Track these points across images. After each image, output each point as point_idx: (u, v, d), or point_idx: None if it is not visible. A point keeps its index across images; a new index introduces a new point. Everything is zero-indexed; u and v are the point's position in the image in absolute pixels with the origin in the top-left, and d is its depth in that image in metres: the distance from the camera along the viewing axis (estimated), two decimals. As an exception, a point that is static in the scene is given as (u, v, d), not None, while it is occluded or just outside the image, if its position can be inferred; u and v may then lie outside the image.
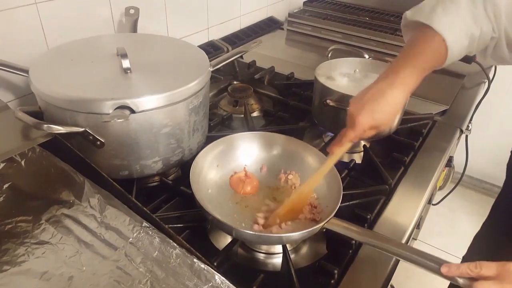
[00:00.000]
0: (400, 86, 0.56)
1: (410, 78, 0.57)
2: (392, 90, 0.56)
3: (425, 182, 0.84)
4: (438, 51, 0.60)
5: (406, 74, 0.57)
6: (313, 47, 1.51)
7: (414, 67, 0.58)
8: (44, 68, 0.72)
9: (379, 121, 0.57)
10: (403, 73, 0.57)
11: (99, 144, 0.67)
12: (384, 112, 0.56)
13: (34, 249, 0.57)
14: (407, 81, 0.57)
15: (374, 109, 0.56)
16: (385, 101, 0.56)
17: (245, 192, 0.71)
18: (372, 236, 0.59)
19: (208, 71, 0.77)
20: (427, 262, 0.53)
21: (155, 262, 0.55)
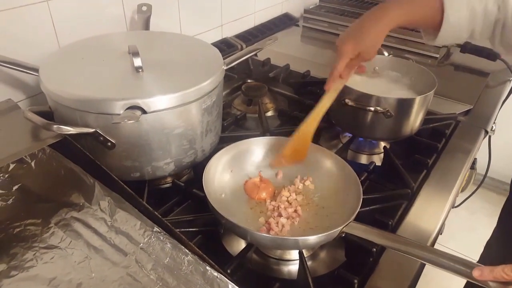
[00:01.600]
0: (385, 19, 0.60)
1: (394, 13, 0.60)
2: (377, 24, 0.60)
3: (449, 186, 0.80)
4: (433, 6, 0.61)
5: (392, 9, 0.60)
6: (330, 44, 1.47)
7: (401, 7, 0.61)
8: (54, 67, 0.70)
9: (361, 47, 0.60)
10: (389, 9, 0.60)
11: (110, 145, 0.65)
12: (368, 40, 0.60)
13: (42, 253, 0.56)
14: (391, 15, 0.60)
15: (357, 36, 0.60)
16: (368, 32, 0.60)
17: (260, 198, 0.68)
18: (396, 240, 0.56)
19: (222, 69, 0.75)
20: (457, 266, 0.49)
21: (166, 269, 0.53)
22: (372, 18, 0.61)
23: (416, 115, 0.84)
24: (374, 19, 0.61)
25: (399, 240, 0.55)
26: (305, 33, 1.57)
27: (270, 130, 0.92)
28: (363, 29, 0.60)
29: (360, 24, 0.61)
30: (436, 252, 0.51)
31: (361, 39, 0.60)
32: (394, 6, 0.61)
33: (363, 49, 0.61)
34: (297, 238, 0.57)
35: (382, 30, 0.61)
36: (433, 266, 0.51)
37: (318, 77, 1.19)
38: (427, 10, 0.62)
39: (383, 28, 0.61)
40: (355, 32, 0.61)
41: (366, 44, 0.61)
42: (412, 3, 0.62)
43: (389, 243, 0.54)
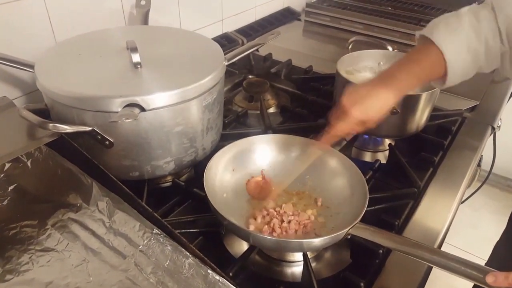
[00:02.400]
0: (394, 89, 0.59)
1: (404, 83, 0.60)
2: (386, 91, 0.59)
3: (457, 184, 0.78)
4: (435, 62, 0.61)
5: (401, 78, 0.60)
6: (333, 38, 1.45)
7: (409, 73, 0.60)
8: (50, 63, 0.68)
9: (369, 116, 0.59)
10: (399, 77, 0.60)
11: (107, 144, 0.63)
12: (376, 109, 0.59)
13: (38, 256, 0.54)
14: (401, 85, 0.60)
15: (367, 104, 0.58)
16: (378, 99, 0.59)
17: (263, 197, 0.66)
18: (403, 242, 0.54)
19: (223, 65, 0.72)
20: (468, 271, 0.48)
21: (167, 272, 0.52)
22: (383, 86, 0.59)
23: (422, 111, 0.82)
24: (384, 87, 0.59)
25: (407, 242, 0.53)
26: (307, 27, 1.54)
27: (273, 127, 0.90)
28: (373, 97, 0.58)
29: (369, 92, 0.59)
30: (446, 255, 0.50)
31: (371, 107, 0.58)
32: (402, 74, 0.60)
33: (371, 118, 0.59)
34: (302, 241, 0.55)
35: (391, 101, 0.60)
36: (443, 270, 0.49)
37: (321, 72, 1.17)
38: (432, 67, 0.62)
39: (393, 100, 0.60)
40: (365, 99, 0.58)
41: (374, 113, 0.59)
42: (419, 64, 0.61)
43: (397, 246, 0.53)
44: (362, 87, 0.60)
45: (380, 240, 0.54)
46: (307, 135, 0.82)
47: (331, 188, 0.69)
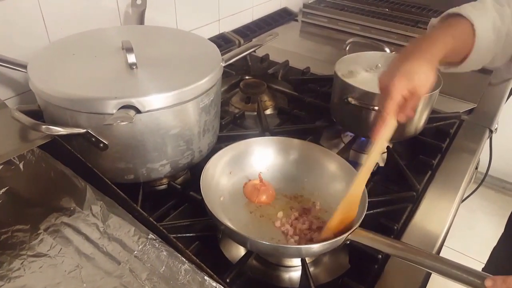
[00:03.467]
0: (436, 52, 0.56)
1: (444, 46, 0.57)
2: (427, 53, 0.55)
3: (455, 187, 0.78)
4: (466, 33, 0.61)
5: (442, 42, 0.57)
6: (330, 40, 1.44)
7: (448, 35, 0.59)
8: (43, 63, 0.67)
9: (416, 82, 0.51)
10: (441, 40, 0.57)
11: (102, 146, 0.62)
12: (420, 71, 0.52)
13: (30, 262, 0.53)
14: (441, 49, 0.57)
15: (408, 70, 0.52)
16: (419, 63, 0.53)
17: (260, 201, 0.66)
18: (403, 248, 0.53)
19: (220, 66, 0.71)
20: (469, 278, 0.47)
21: (162, 279, 0.51)
22: (419, 49, 0.55)
23: (420, 114, 0.82)
24: (423, 49, 0.55)
25: (406, 249, 0.52)
26: (304, 28, 1.53)
27: (270, 129, 0.89)
28: (414, 61, 0.53)
29: (406, 56, 0.54)
30: (446, 262, 0.49)
31: (414, 72, 0.52)
32: (439, 33, 0.58)
33: (418, 83, 0.52)
34: (300, 247, 0.54)
35: (433, 59, 0.55)
36: (443, 276, 0.49)
37: (318, 74, 1.16)
38: (464, 36, 0.61)
39: (434, 58, 0.55)
40: (404, 65, 0.52)
41: (421, 77, 0.52)
42: (454, 28, 0.61)
43: (396, 252, 0.52)
44: (396, 57, 0.55)
45: (380, 246, 0.53)
46: (305, 138, 0.81)
47: (330, 192, 0.68)
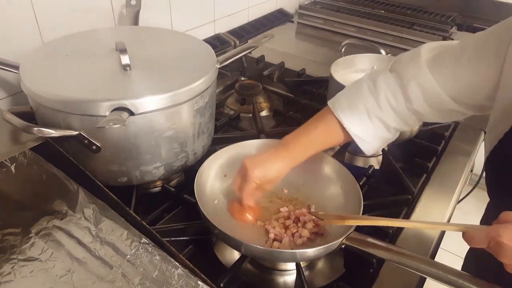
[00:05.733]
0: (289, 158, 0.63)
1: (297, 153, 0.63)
2: (282, 159, 0.62)
3: (451, 190, 0.78)
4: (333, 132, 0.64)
5: (294, 149, 0.63)
6: (325, 41, 1.44)
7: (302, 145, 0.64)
8: (36, 64, 0.66)
9: (267, 179, 0.61)
10: (292, 149, 0.63)
11: (95, 149, 0.61)
12: (273, 174, 0.62)
13: (21, 266, 0.52)
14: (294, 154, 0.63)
15: (266, 167, 0.61)
16: (274, 166, 0.62)
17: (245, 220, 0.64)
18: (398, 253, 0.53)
19: (215, 68, 0.71)
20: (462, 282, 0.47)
21: (155, 284, 0.50)
22: (280, 154, 0.63)
23: (416, 117, 0.81)
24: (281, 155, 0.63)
25: (402, 253, 0.52)
26: (300, 29, 1.53)
27: (265, 131, 0.89)
28: (271, 161, 0.62)
29: (267, 157, 0.62)
30: (441, 267, 0.49)
31: (270, 170, 0.61)
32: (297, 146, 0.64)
33: (270, 179, 0.62)
34: (295, 251, 0.54)
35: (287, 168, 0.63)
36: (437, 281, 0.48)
37: (314, 75, 1.16)
38: (329, 137, 0.65)
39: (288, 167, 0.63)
40: (262, 161, 0.61)
41: (273, 175, 0.62)
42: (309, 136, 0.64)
43: (392, 257, 0.52)
44: (259, 155, 0.63)
45: (375, 250, 0.53)
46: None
47: (325, 195, 0.68)
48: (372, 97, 0.61)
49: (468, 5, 1.49)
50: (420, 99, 0.59)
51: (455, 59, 0.56)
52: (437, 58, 0.58)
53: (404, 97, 0.60)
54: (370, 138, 0.63)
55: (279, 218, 0.63)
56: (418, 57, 0.59)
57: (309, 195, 0.69)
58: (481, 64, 0.54)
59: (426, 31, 1.36)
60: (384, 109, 0.61)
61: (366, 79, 0.64)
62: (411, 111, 0.61)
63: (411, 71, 0.59)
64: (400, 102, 0.60)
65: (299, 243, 0.59)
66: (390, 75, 0.61)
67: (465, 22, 1.46)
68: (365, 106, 0.61)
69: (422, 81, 0.58)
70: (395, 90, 0.60)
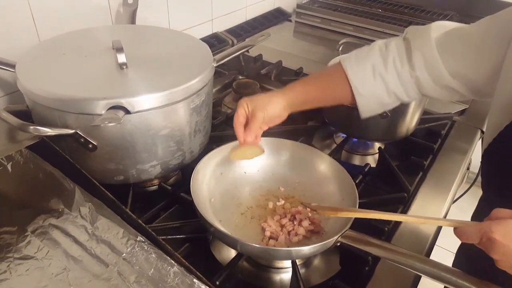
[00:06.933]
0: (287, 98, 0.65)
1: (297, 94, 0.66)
2: (281, 98, 0.65)
3: (447, 188, 0.78)
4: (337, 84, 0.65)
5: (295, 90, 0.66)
6: (323, 40, 1.44)
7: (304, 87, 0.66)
8: (32, 63, 0.66)
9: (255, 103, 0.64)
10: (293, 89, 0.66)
11: (91, 147, 0.61)
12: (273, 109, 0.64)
13: (17, 265, 0.52)
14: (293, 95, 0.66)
15: (265, 106, 0.64)
16: (276, 102, 0.65)
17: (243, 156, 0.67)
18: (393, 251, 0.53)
19: (212, 66, 0.71)
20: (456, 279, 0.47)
21: (151, 281, 0.50)
22: (280, 94, 0.66)
23: (412, 115, 0.82)
24: (280, 95, 0.65)
25: (397, 251, 0.52)
26: (297, 28, 1.53)
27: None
28: (271, 99, 0.65)
29: (269, 97, 0.65)
30: (437, 265, 0.49)
31: (259, 98, 0.64)
32: (297, 86, 0.66)
33: (271, 117, 0.64)
34: (290, 249, 0.54)
35: (286, 99, 0.65)
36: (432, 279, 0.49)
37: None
38: (333, 85, 0.66)
39: (288, 98, 0.65)
40: (263, 101, 0.64)
41: (273, 113, 0.64)
42: (315, 82, 0.66)
43: (387, 255, 0.52)
44: (259, 94, 0.66)
45: (370, 249, 0.53)
46: (297, 138, 0.81)
47: (321, 193, 0.68)
48: (381, 57, 0.63)
49: (465, 4, 1.49)
50: (422, 67, 0.60)
51: (461, 40, 0.59)
52: (444, 36, 0.60)
53: (408, 62, 0.62)
54: (369, 95, 0.64)
55: (275, 216, 0.64)
56: (428, 32, 0.61)
57: (306, 193, 0.69)
58: (484, 49, 0.56)
59: (424, 30, 1.36)
60: (389, 69, 0.62)
61: (380, 42, 0.65)
62: (414, 78, 0.62)
63: (419, 40, 0.61)
64: (405, 66, 0.62)
65: (295, 241, 0.60)
66: (402, 41, 0.63)
67: (462, 20, 1.46)
68: (372, 63, 0.63)
69: (427, 52, 0.60)
70: (403, 54, 0.62)
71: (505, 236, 0.40)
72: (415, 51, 0.61)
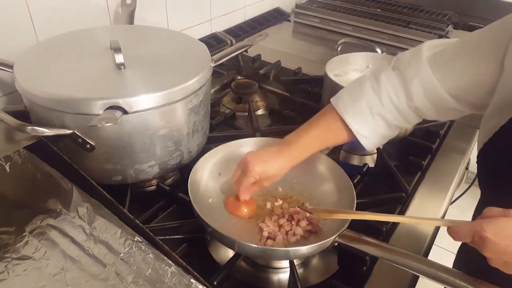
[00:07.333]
0: (291, 156, 0.63)
1: (299, 152, 0.64)
2: (284, 157, 0.63)
3: (445, 188, 0.78)
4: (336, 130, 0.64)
5: (296, 148, 0.63)
6: (322, 40, 1.44)
7: (304, 144, 0.64)
8: (30, 63, 0.66)
9: (267, 175, 0.62)
10: (294, 147, 0.63)
11: (89, 148, 0.61)
12: (273, 171, 0.62)
13: (14, 265, 0.52)
14: (296, 153, 0.63)
15: (266, 163, 0.61)
16: (276, 164, 0.62)
17: (242, 215, 0.64)
18: (391, 251, 0.53)
19: (210, 66, 0.71)
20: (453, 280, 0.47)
21: (148, 282, 0.50)
22: (282, 152, 0.63)
23: (410, 115, 0.82)
24: (282, 154, 0.63)
25: (394, 251, 0.52)
26: (296, 28, 1.53)
27: (261, 129, 0.89)
28: (273, 159, 0.62)
29: (269, 154, 0.63)
30: (434, 265, 0.49)
31: (271, 167, 0.62)
32: (298, 144, 0.64)
33: (270, 176, 0.62)
34: (288, 249, 0.54)
35: (288, 166, 0.63)
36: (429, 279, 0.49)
37: (310, 74, 1.16)
38: (332, 135, 0.65)
39: (289, 165, 0.64)
40: (264, 158, 0.62)
41: (273, 172, 0.62)
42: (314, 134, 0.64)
43: (384, 254, 0.52)
44: (267, 150, 0.64)
45: (367, 248, 0.53)
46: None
47: (319, 193, 0.68)
48: (375, 94, 0.61)
49: (464, 3, 1.49)
50: (422, 97, 0.59)
51: (455, 56, 0.57)
52: (438, 56, 0.58)
53: (405, 94, 0.60)
54: (371, 135, 0.63)
55: (272, 216, 0.64)
56: (420, 55, 0.59)
57: (304, 193, 0.69)
58: (480, 61, 0.55)
59: (422, 29, 1.36)
60: (386, 106, 0.61)
61: (369, 77, 0.64)
62: (412, 108, 0.61)
63: (413, 68, 0.59)
64: (402, 99, 0.61)
65: (292, 241, 0.60)
66: (392, 73, 0.62)
67: (461, 20, 1.46)
68: (368, 103, 0.61)
69: (423, 78, 0.58)
70: (397, 87, 0.60)
71: (496, 234, 0.41)
72: (412, 82, 0.59)
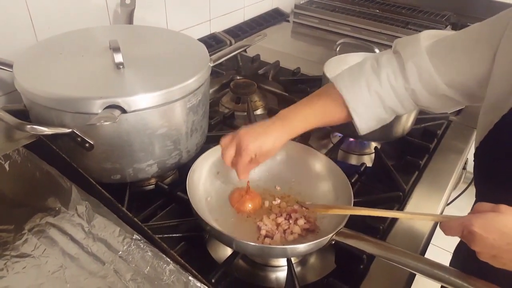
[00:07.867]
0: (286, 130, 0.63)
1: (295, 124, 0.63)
2: (279, 131, 0.62)
3: (442, 188, 0.78)
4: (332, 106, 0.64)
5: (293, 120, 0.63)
6: (321, 40, 1.44)
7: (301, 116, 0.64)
8: (29, 62, 0.66)
9: (263, 151, 0.61)
10: (291, 119, 0.63)
11: (88, 146, 0.62)
12: (268, 146, 0.61)
13: (14, 263, 0.53)
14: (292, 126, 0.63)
15: (262, 140, 0.60)
16: (270, 139, 0.61)
17: (245, 210, 0.65)
18: (388, 249, 0.53)
19: (208, 66, 0.71)
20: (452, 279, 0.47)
21: (147, 279, 0.51)
22: (277, 126, 0.63)
23: (408, 115, 0.82)
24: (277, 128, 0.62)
25: (391, 249, 0.52)
26: (295, 29, 1.54)
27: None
28: (267, 133, 0.61)
29: (262, 130, 0.62)
30: (431, 263, 0.49)
31: (264, 142, 0.61)
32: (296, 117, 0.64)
33: (265, 151, 0.61)
34: (286, 247, 0.54)
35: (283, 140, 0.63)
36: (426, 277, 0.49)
37: (308, 74, 1.16)
38: (328, 111, 0.65)
39: (285, 139, 0.63)
40: (257, 133, 0.61)
41: (269, 147, 0.61)
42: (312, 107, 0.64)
43: (381, 252, 0.52)
44: (260, 125, 0.63)
45: (365, 246, 0.54)
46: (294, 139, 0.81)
47: (316, 192, 0.68)
48: (374, 74, 0.62)
49: (462, 4, 1.49)
50: (416, 79, 0.60)
51: (452, 46, 0.58)
52: (435, 44, 0.59)
53: (402, 75, 0.61)
54: (366, 113, 0.63)
55: (270, 215, 0.64)
56: (418, 41, 0.60)
57: (302, 192, 0.70)
58: (475, 52, 0.56)
59: (421, 30, 1.35)
60: (383, 85, 0.62)
61: (370, 58, 0.65)
62: (409, 91, 0.62)
63: (410, 51, 0.60)
64: (399, 81, 0.61)
65: (290, 239, 0.60)
66: (392, 55, 0.63)
67: (460, 21, 1.47)
68: (366, 81, 0.62)
69: (419, 61, 0.59)
70: (395, 68, 0.62)
71: (485, 228, 0.42)
72: (407, 63, 0.60)
